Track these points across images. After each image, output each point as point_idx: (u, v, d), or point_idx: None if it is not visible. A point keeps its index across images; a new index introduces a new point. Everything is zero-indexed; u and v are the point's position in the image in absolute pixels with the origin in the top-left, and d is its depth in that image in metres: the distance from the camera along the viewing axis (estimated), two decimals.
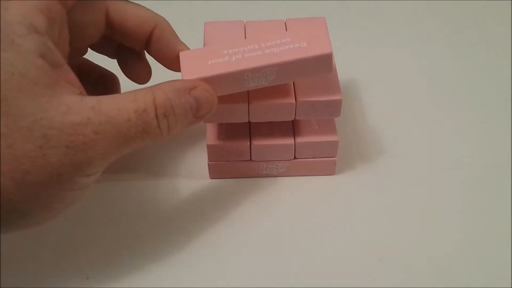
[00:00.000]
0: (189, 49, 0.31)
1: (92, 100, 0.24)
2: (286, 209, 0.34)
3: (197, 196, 0.35)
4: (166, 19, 0.31)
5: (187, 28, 0.34)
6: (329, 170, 0.35)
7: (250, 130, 0.34)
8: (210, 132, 0.34)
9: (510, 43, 0.44)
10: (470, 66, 0.43)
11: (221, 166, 0.35)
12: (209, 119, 0.32)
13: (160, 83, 0.27)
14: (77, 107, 0.24)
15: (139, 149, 0.26)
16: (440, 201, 0.34)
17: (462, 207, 0.34)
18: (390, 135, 0.38)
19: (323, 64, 0.29)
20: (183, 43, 0.31)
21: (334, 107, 0.32)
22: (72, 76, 0.26)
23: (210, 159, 0.35)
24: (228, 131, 0.34)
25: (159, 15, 0.31)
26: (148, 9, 0.31)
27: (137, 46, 0.31)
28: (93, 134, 0.24)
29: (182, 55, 0.30)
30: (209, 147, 0.34)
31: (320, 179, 0.35)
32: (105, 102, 0.25)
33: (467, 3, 0.49)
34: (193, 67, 0.29)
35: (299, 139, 0.34)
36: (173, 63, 0.31)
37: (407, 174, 0.35)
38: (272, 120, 0.32)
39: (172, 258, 0.31)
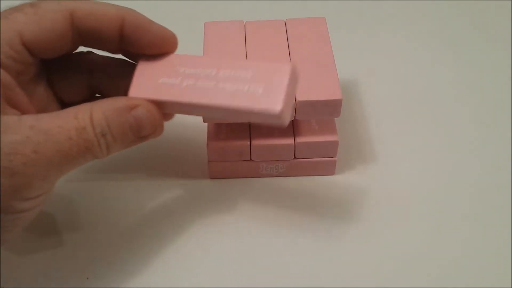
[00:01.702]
0: (166, 31, 0.28)
1: (31, 119, 0.24)
2: (286, 209, 0.34)
3: (197, 196, 0.35)
4: (136, 10, 0.28)
5: (187, 28, 0.34)
6: (329, 170, 0.35)
7: (250, 130, 0.34)
8: (210, 132, 0.34)
9: (510, 43, 0.44)
10: (470, 66, 0.43)
11: (221, 166, 0.35)
12: (209, 119, 0.32)
13: (103, 99, 0.26)
14: (15, 126, 0.23)
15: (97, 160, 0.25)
16: (440, 201, 0.34)
17: (463, 208, 0.34)
18: (390, 135, 0.38)
19: (270, 119, 0.26)
20: (159, 25, 0.28)
21: (334, 107, 0.32)
22: (22, 99, 0.25)
23: (210, 159, 0.35)
24: (228, 131, 0.34)
25: (125, 8, 0.28)
26: (113, 4, 0.27)
27: (113, 48, 0.29)
28: (33, 154, 0.23)
29: (140, 64, 0.28)
30: (209, 147, 0.34)
31: (320, 179, 0.35)
32: (45, 120, 0.24)
33: (467, 3, 0.49)
34: (143, 83, 0.27)
35: (299, 139, 0.34)
36: (154, 48, 0.28)
37: (407, 174, 0.35)
38: None
39: (172, 258, 0.31)
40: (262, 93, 0.25)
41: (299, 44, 0.35)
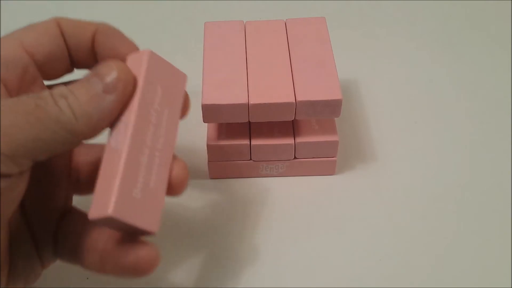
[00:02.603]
0: (137, 49, 0.27)
1: None
2: (286, 209, 0.34)
3: (197, 196, 0.35)
4: (111, 25, 0.27)
5: (187, 28, 0.34)
6: (329, 170, 0.35)
7: (250, 130, 0.34)
8: (210, 132, 0.34)
9: (510, 43, 0.45)
10: (470, 67, 0.43)
11: (221, 166, 0.35)
12: (209, 119, 0.32)
13: None
14: None
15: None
16: (439, 201, 0.34)
17: (461, 207, 0.34)
18: (390, 135, 0.38)
19: (100, 211, 0.25)
20: (132, 42, 0.27)
21: (334, 107, 0.32)
22: None
23: (210, 159, 0.35)
24: (228, 131, 0.34)
25: (100, 22, 0.28)
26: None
27: (84, 57, 0.28)
28: None
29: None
30: (209, 147, 0.34)
31: (320, 179, 0.35)
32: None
33: (467, 3, 0.49)
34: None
35: (299, 139, 0.34)
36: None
37: (407, 174, 0.35)
38: (272, 120, 0.32)
39: (172, 258, 0.31)
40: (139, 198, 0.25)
41: (299, 44, 0.35)
